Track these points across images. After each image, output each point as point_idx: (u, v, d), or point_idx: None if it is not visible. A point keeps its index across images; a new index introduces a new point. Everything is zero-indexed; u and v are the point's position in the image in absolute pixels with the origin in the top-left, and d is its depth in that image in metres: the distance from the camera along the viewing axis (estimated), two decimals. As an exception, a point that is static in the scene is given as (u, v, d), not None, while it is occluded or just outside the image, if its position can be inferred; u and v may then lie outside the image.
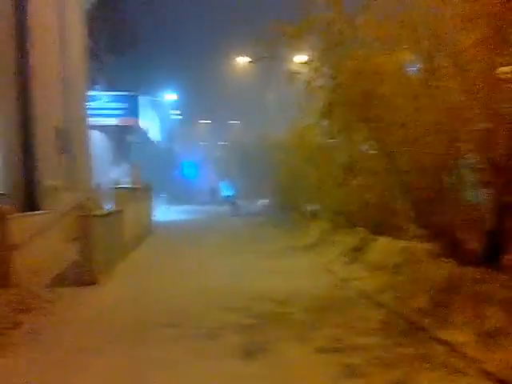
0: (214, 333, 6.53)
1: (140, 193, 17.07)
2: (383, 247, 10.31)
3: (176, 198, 41.95)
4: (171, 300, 8.47)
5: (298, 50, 8.87)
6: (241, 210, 33.61)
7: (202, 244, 15.94)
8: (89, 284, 9.38)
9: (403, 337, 6.21)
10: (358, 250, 11.38)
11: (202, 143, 61.39)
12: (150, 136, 37.78)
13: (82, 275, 9.49)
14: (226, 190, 50.93)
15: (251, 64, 42.96)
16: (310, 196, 18.57)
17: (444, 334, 5.95)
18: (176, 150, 55.43)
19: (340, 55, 8.99)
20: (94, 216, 9.80)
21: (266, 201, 35.50)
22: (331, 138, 14.25)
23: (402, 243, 9.94)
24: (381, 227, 12.58)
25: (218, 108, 53.06)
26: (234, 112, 52.91)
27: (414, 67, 8.85)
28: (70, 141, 17.27)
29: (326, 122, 13.07)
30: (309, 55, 9.06)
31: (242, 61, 43.91)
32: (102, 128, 30.46)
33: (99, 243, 9.86)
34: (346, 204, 12.93)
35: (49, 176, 13.92)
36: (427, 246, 8.73)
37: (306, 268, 11.33)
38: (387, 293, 8.13)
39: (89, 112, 27.95)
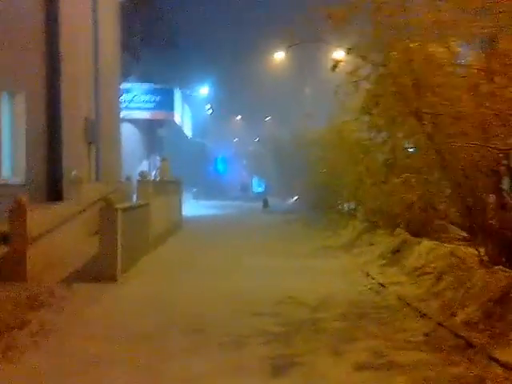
0: (240, 342, 5.87)
1: (169, 186, 16.54)
2: (426, 250, 9.49)
3: (208, 193, 41.58)
4: (195, 302, 7.85)
5: (343, 35, 8.06)
6: (272, 207, 33.03)
7: (230, 241, 15.30)
8: (108, 280, 8.82)
9: (452, 353, 5.43)
10: (398, 253, 10.61)
11: (235, 139, 60.93)
12: (183, 130, 37.35)
13: (102, 271, 8.94)
14: (257, 186, 50.71)
15: (288, 59, 42.42)
16: (347, 194, 17.87)
17: (501, 354, 5.16)
18: (209, 145, 55.00)
19: (390, 41, 8.21)
20: (118, 209, 9.24)
21: (298, 198, 34.95)
22: (373, 134, 13.59)
23: (447, 247, 9.16)
24: (423, 229, 11.85)
25: (253, 104, 52.36)
26: (269, 108, 52.18)
27: (471, 53, 8.05)
28: (100, 132, 16.91)
29: (367, 117, 12.42)
30: (354, 43, 8.28)
31: (279, 56, 43.38)
32: (135, 121, 30.20)
33: (122, 238, 9.31)
34: (386, 203, 12.15)
35: (75, 167, 13.51)
36: (476, 251, 7.95)
37: (341, 270, 10.60)
38: (431, 301, 7.36)
39: (121, 104, 27.89)
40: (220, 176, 55.97)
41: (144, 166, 31.78)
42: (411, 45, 8.06)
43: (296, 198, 36.99)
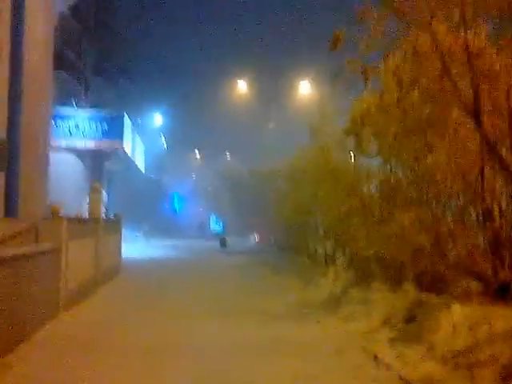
0: None
1: (101, 225, 12.99)
2: (465, 321, 6.27)
3: (162, 231, 38.08)
4: None
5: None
6: (232, 246, 29.92)
7: (176, 295, 11.73)
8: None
9: None
10: (413, 321, 7.39)
11: (191, 175, 57.84)
12: (135, 164, 33.83)
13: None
14: (215, 225, 47.55)
15: (250, 89, 40.01)
16: (324, 234, 14.80)
17: None
18: (165, 181, 51.67)
19: None
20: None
21: (259, 237, 32.41)
22: (366, 157, 10.84)
23: (499, 315, 5.94)
24: (437, 283, 8.86)
25: (211, 139, 49.40)
26: (229, 143, 49.38)
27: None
28: (18, 156, 13.51)
29: (357, 136, 9.77)
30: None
31: (242, 85, 40.92)
32: (80, 152, 26.85)
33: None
34: (385, 248, 9.04)
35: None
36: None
37: (332, 346, 7.16)
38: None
39: (60, 131, 24.69)
40: (176, 214, 52.59)
41: (84, 202, 28.21)
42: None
43: (257, 237, 34.13)
